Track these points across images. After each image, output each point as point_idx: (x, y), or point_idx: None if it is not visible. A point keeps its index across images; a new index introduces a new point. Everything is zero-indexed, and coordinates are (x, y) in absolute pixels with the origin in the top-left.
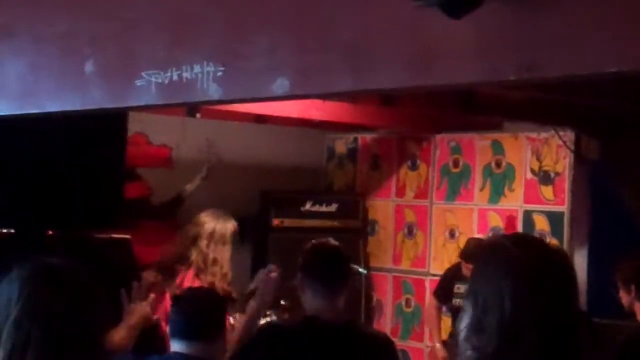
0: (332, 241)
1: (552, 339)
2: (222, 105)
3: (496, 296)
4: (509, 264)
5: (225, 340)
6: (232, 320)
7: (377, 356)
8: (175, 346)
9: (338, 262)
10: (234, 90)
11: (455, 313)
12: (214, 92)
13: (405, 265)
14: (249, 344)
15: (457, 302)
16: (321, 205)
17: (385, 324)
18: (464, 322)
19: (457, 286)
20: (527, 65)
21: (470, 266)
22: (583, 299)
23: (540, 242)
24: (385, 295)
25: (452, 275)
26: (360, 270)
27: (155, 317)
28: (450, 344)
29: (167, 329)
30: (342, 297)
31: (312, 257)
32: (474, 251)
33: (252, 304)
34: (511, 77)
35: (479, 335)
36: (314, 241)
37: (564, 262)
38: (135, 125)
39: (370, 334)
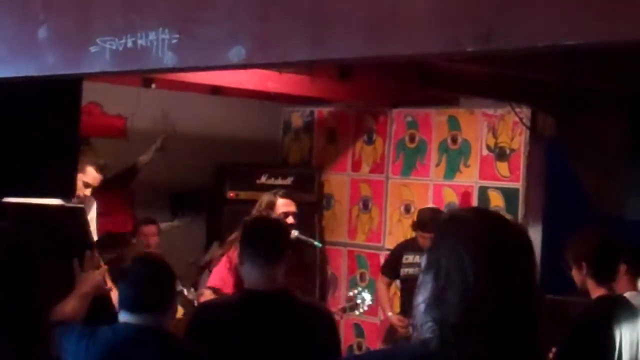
0: (272, 214)
1: (511, 312)
2: (176, 73)
3: (458, 269)
4: (469, 236)
5: (175, 309)
6: (186, 292)
7: (313, 324)
8: (124, 317)
9: (275, 234)
10: (189, 58)
11: (404, 282)
12: (168, 59)
13: (360, 239)
14: (188, 324)
15: (405, 271)
16: (276, 178)
17: (340, 297)
18: (423, 294)
19: (405, 257)
20: (486, 36)
21: (427, 235)
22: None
23: (499, 216)
24: (340, 269)
25: (400, 249)
26: (315, 243)
27: (107, 286)
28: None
29: None
30: (280, 268)
31: (249, 230)
32: (430, 219)
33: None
34: (469, 47)
35: (440, 307)
36: (253, 214)
37: (523, 237)
38: (90, 94)
39: (307, 303)
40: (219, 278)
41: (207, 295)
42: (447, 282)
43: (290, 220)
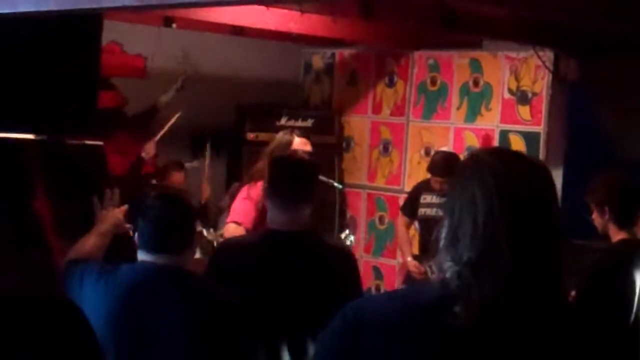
0: (300, 153)
1: (529, 251)
2: (196, 7)
3: (469, 206)
4: (483, 174)
5: (194, 249)
6: (205, 232)
7: (335, 265)
8: (143, 256)
9: (300, 175)
10: None
11: (423, 223)
12: None
13: (379, 182)
14: (210, 261)
15: (423, 211)
16: (296, 120)
17: (358, 240)
18: (442, 233)
19: (423, 196)
20: None
21: (439, 179)
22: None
23: (518, 154)
24: (359, 211)
25: (419, 189)
26: (335, 184)
27: (128, 225)
28: (421, 258)
29: None
30: (305, 210)
31: (274, 170)
32: (442, 165)
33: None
34: None
35: (455, 246)
36: (281, 154)
37: (542, 173)
38: (110, 34)
39: (330, 244)
40: (241, 212)
41: (232, 230)
42: (460, 220)
43: None
